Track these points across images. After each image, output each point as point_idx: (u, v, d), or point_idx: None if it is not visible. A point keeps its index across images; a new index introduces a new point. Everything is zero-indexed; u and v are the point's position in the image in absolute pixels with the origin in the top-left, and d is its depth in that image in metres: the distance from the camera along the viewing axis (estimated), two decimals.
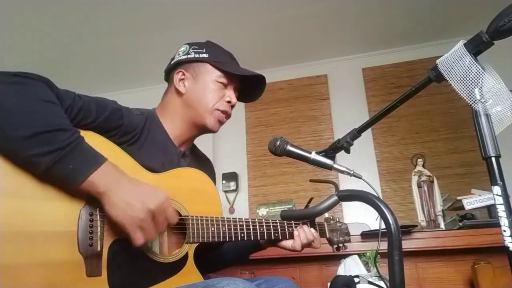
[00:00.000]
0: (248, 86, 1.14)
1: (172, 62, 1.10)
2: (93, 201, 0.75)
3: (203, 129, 1.09)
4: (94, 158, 0.73)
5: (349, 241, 1.25)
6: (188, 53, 1.08)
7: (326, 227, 1.21)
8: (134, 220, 0.72)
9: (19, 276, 0.64)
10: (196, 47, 1.09)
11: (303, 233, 1.09)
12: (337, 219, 1.27)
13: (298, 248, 1.08)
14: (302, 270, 1.72)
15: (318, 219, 1.16)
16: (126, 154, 0.88)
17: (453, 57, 0.66)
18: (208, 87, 1.05)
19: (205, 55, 1.07)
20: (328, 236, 1.21)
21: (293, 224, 1.10)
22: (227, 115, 1.10)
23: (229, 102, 1.08)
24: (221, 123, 1.10)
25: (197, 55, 1.07)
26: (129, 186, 0.74)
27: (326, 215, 1.23)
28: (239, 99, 1.14)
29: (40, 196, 0.70)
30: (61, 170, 0.69)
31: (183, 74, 1.07)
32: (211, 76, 1.06)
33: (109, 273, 0.75)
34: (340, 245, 1.22)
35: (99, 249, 0.74)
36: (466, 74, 0.64)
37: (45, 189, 0.71)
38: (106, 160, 0.74)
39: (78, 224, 0.73)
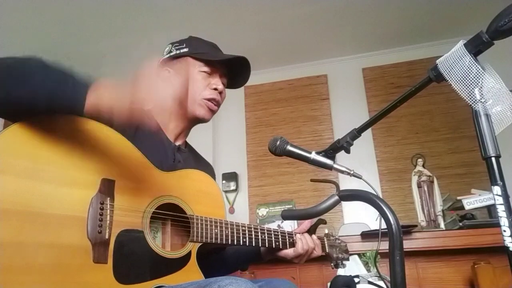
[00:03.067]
0: (235, 72, 1.15)
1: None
2: (105, 189, 0.77)
3: (195, 121, 1.11)
4: (87, 79, 0.75)
5: (347, 259, 1.26)
6: (170, 51, 1.12)
7: (326, 242, 1.21)
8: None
9: (29, 255, 0.66)
10: (177, 44, 1.12)
11: (305, 239, 1.10)
12: (337, 236, 1.28)
13: (301, 250, 1.08)
14: (302, 270, 1.72)
15: (318, 234, 1.17)
16: (138, 150, 0.88)
17: (453, 57, 0.66)
18: (193, 79, 1.08)
19: (185, 50, 1.10)
20: (327, 251, 1.21)
21: (293, 234, 1.11)
22: (216, 102, 1.10)
23: (215, 89, 1.09)
24: (211, 111, 1.10)
25: (178, 51, 1.10)
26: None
27: (326, 230, 1.25)
28: (230, 85, 1.15)
29: (57, 181, 0.72)
30: (61, 99, 0.71)
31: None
32: (194, 68, 1.08)
33: (115, 262, 0.76)
34: (339, 262, 1.22)
35: (107, 237, 0.76)
36: (466, 74, 0.64)
37: (61, 173, 0.73)
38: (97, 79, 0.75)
39: (88, 210, 0.75)
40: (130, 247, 0.79)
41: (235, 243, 0.98)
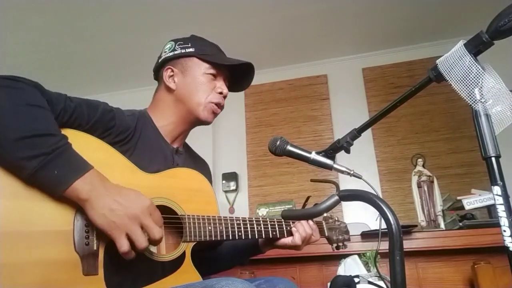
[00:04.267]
0: (237, 75, 1.14)
1: (160, 60, 1.11)
2: None
3: (197, 123, 1.10)
4: (80, 165, 0.73)
5: (348, 239, 1.25)
6: (174, 50, 1.09)
7: (324, 226, 1.20)
8: (118, 226, 0.71)
9: (16, 276, 0.64)
10: (182, 42, 1.09)
11: (302, 227, 1.08)
12: (336, 218, 1.26)
13: (299, 241, 1.06)
14: (302, 270, 1.72)
15: (316, 218, 1.15)
16: (121, 155, 0.88)
17: (453, 57, 0.66)
18: (198, 80, 1.06)
19: (191, 50, 1.07)
20: (327, 235, 1.20)
21: (290, 222, 1.09)
22: (221, 106, 1.10)
23: (220, 93, 1.08)
24: (215, 114, 1.09)
25: (183, 50, 1.08)
26: (112, 193, 0.74)
27: (325, 214, 1.23)
28: (230, 89, 1.14)
29: (36, 196, 0.70)
30: (46, 175, 0.69)
31: (172, 71, 1.07)
32: (199, 69, 1.07)
33: (106, 272, 0.75)
34: (340, 244, 1.22)
35: (95, 248, 0.75)
36: (466, 74, 0.64)
37: (40, 189, 0.71)
38: (91, 168, 0.74)
39: (74, 223, 0.73)
40: (120, 255, 0.77)
41: (231, 238, 0.96)
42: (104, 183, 0.74)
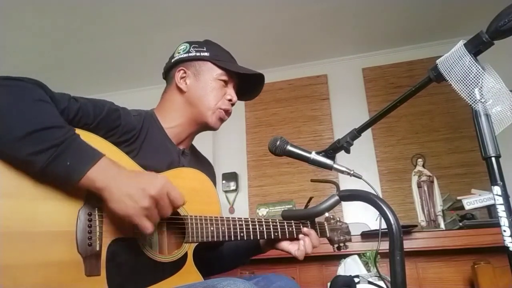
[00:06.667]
0: (246, 84, 1.15)
1: (173, 60, 1.10)
2: (92, 200, 0.75)
3: (204, 127, 1.10)
4: (91, 154, 0.72)
5: (350, 240, 1.25)
6: (189, 52, 1.08)
7: (326, 227, 1.20)
8: (138, 210, 0.71)
9: (18, 276, 0.64)
10: (197, 45, 1.10)
11: (310, 244, 1.06)
12: (338, 219, 1.26)
13: (301, 258, 1.05)
14: (302, 270, 1.72)
15: (318, 219, 1.15)
16: (124, 154, 0.88)
17: (453, 57, 0.66)
18: (210, 85, 1.06)
19: (206, 54, 1.08)
20: (328, 236, 1.20)
21: (293, 223, 1.09)
22: (228, 113, 1.11)
23: (230, 100, 1.09)
24: (222, 121, 1.11)
25: (198, 54, 1.08)
26: (127, 177, 0.73)
27: (326, 214, 1.23)
28: (237, 97, 1.15)
29: (39, 196, 0.70)
30: (58, 167, 0.68)
31: (185, 72, 1.07)
32: (212, 74, 1.07)
33: (108, 273, 0.75)
34: (341, 244, 1.22)
35: (98, 248, 0.75)
36: (466, 74, 0.64)
37: (43, 189, 0.71)
38: (103, 155, 0.73)
39: (76, 224, 0.73)
40: (123, 256, 0.78)
41: (233, 239, 0.96)
42: (119, 169, 0.74)
